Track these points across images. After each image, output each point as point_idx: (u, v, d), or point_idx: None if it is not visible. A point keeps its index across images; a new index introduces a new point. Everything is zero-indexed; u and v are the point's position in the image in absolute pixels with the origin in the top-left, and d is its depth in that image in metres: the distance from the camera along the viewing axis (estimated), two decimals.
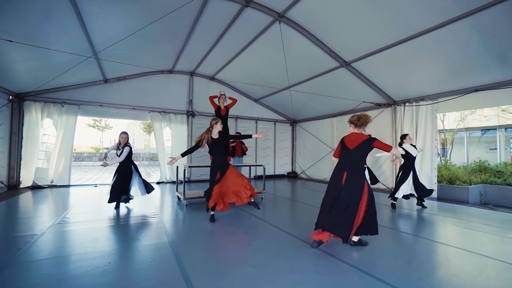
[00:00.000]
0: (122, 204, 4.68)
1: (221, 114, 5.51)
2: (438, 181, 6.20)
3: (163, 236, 3.06)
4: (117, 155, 4.55)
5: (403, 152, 4.67)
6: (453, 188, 6.04)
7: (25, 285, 1.91)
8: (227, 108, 5.58)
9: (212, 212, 3.70)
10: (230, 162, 6.10)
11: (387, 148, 2.60)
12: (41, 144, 7.09)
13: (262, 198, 5.68)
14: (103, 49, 5.34)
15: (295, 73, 7.20)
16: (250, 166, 6.51)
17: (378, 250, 2.72)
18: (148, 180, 5.27)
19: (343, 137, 2.82)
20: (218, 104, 5.55)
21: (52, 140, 7.27)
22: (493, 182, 6.47)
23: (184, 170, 4.89)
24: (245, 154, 8.04)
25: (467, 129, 13.57)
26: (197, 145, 3.61)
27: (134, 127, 57.34)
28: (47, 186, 6.96)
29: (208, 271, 2.17)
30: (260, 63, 7.46)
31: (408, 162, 4.86)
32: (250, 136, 3.82)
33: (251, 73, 8.23)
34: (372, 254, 2.61)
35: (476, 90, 5.46)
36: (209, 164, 3.89)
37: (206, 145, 3.63)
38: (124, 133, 4.63)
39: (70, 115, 7.33)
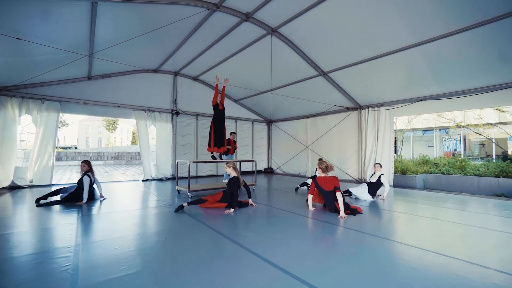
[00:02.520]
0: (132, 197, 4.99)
1: (219, 109, 6.03)
2: (394, 172, 7.66)
3: (190, 219, 3.60)
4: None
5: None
6: (404, 177, 7.53)
7: (109, 256, 2.36)
8: (222, 104, 6.12)
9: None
10: (225, 157, 6.82)
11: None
12: (19, 142, 6.75)
13: (253, 189, 6.40)
14: (103, 49, 5.47)
15: (278, 78, 8.03)
16: (241, 161, 7.18)
17: (359, 218, 3.67)
18: (127, 178, 5.43)
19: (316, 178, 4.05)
20: (217, 101, 6.04)
21: (32, 138, 6.96)
22: (432, 171, 8.21)
23: (189, 165, 5.35)
24: (235, 152, 8.58)
25: (412, 129, 16.19)
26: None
27: (88, 124, 52.66)
28: (26, 186, 6.67)
29: (249, 238, 2.83)
30: (245, 68, 8.13)
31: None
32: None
33: (235, 76, 8.81)
34: (359, 221, 3.55)
35: (422, 100, 6.94)
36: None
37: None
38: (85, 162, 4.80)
39: (51, 112, 7.08)
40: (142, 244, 2.67)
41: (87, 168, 4.76)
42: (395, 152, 16.97)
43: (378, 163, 5.48)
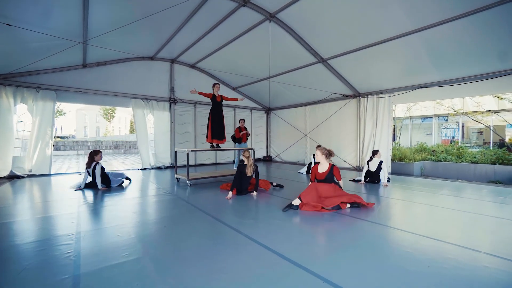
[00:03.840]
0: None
1: (217, 101, 6.01)
2: (392, 159, 7.72)
3: (189, 206, 3.65)
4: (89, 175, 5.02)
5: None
6: (402, 164, 7.60)
7: (110, 243, 2.40)
8: (221, 96, 6.09)
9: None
10: (236, 145, 6.96)
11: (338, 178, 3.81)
12: (16, 131, 6.71)
13: None
14: (97, 36, 5.33)
15: (276, 65, 7.90)
16: (238, 150, 7.20)
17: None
18: (126, 167, 5.62)
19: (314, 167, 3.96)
20: (212, 93, 6.01)
21: (28, 127, 6.91)
22: (429, 159, 8.28)
23: (188, 154, 5.36)
24: (247, 139, 8.27)
25: (411, 117, 16.16)
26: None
27: (85, 113, 52.15)
28: (25, 175, 6.69)
29: (247, 225, 2.89)
30: (243, 55, 7.99)
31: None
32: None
33: (233, 63, 8.70)
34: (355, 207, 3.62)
35: (421, 87, 6.89)
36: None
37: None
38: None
39: (47, 101, 7.00)
40: (142, 231, 2.72)
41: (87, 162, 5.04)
42: (394, 139, 17.07)
43: (378, 150, 5.54)
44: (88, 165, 4.95)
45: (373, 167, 5.45)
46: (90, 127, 52.29)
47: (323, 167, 3.85)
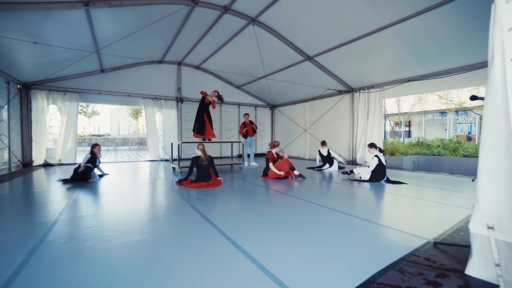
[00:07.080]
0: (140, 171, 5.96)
1: (205, 102, 6.68)
2: (383, 153, 7.82)
3: (168, 186, 4.41)
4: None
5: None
6: (392, 158, 7.70)
7: (88, 205, 3.23)
8: (211, 101, 6.72)
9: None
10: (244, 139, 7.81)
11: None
12: (49, 127, 8.09)
13: (241, 168, 7.11)
14: (105, 46, 6.34)
15: (269, 64, 8.42)
16: (232, 142, 7.91)
17: (351, 197, 4.19)
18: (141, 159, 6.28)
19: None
20: (206, 97, 6.67)
21: (58, 124, 8.28)
22: (424, 153, 8.21)
23: (178, 146, 6.17)
24: (256, 132, 8.26)
25: (425, 112, 15.50)
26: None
27: (119, 113, 56.62)
28: (56, 164, 8.04)
29: (223, 215, 3.55)
30: (240, 55, 8.61)
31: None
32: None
33: (233, 63, 9.36)
34: (349, 199, 4.09)
35: (409, 80, 6.96)
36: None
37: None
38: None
39: (72, 102, 8.29)
40: (115, 199, 3.52)
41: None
42: (409, 136, 16.51)
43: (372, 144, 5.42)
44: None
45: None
46: (123, 125, 56.76)
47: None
